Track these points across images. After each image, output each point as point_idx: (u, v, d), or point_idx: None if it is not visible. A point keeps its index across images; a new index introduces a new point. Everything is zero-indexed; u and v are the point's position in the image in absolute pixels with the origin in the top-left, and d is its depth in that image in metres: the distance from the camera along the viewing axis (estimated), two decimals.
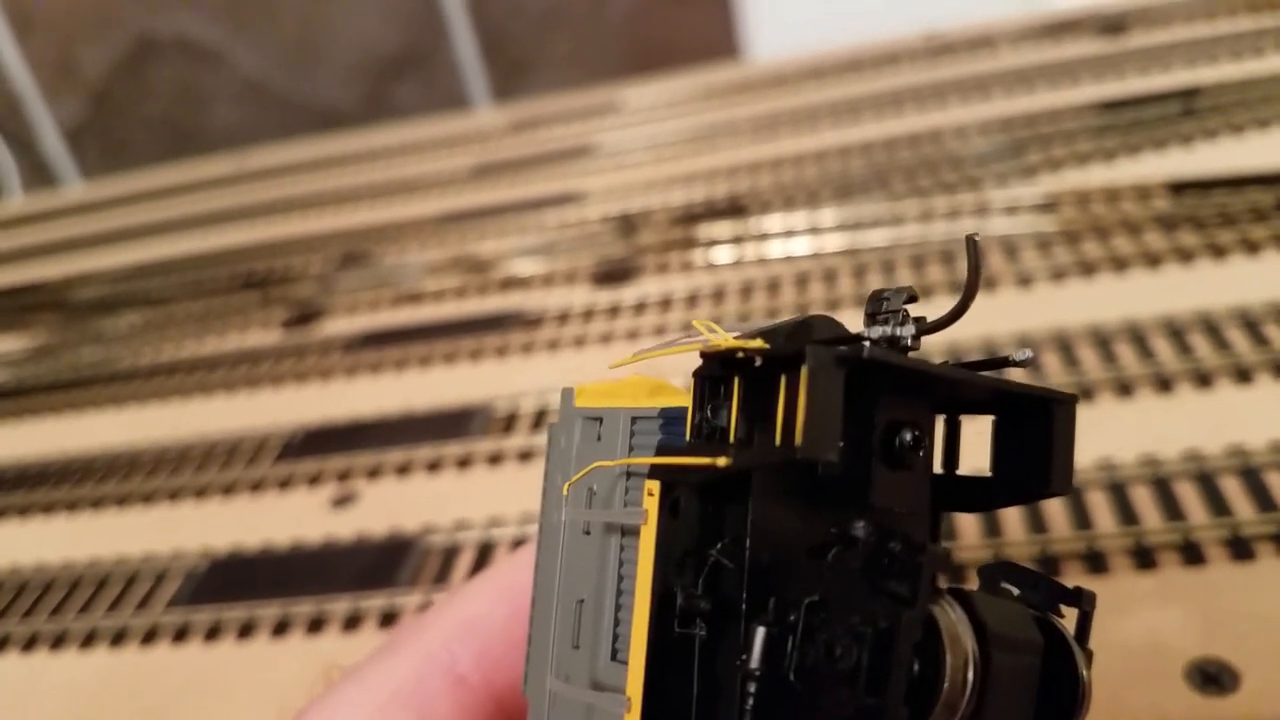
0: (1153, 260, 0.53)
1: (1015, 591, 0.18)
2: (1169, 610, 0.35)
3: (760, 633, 0.16)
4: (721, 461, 0.15)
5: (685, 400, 0.18)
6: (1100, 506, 0.39)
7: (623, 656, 0.18)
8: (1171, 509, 0.39)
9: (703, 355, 0.17)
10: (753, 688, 0.15)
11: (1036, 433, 0.18)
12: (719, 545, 0.16)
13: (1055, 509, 0.40)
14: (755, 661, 0.16)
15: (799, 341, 0.16)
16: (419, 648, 0.23)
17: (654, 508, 0.17)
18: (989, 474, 0.19)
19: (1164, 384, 0.45)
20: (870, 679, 0.15)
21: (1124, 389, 0.45)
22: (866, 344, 0.16)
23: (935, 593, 0.16)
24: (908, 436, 0.17)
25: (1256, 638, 0.33)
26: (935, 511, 0.19)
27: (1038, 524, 0.39)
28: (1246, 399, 0.43)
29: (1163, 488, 0.40)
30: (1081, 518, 0.39)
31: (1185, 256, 0.53)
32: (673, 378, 0.23)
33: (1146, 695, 0.32)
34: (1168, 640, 0.34)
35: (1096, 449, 0.42)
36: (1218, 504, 0.38)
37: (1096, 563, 0.37)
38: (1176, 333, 0.47)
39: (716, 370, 0.17)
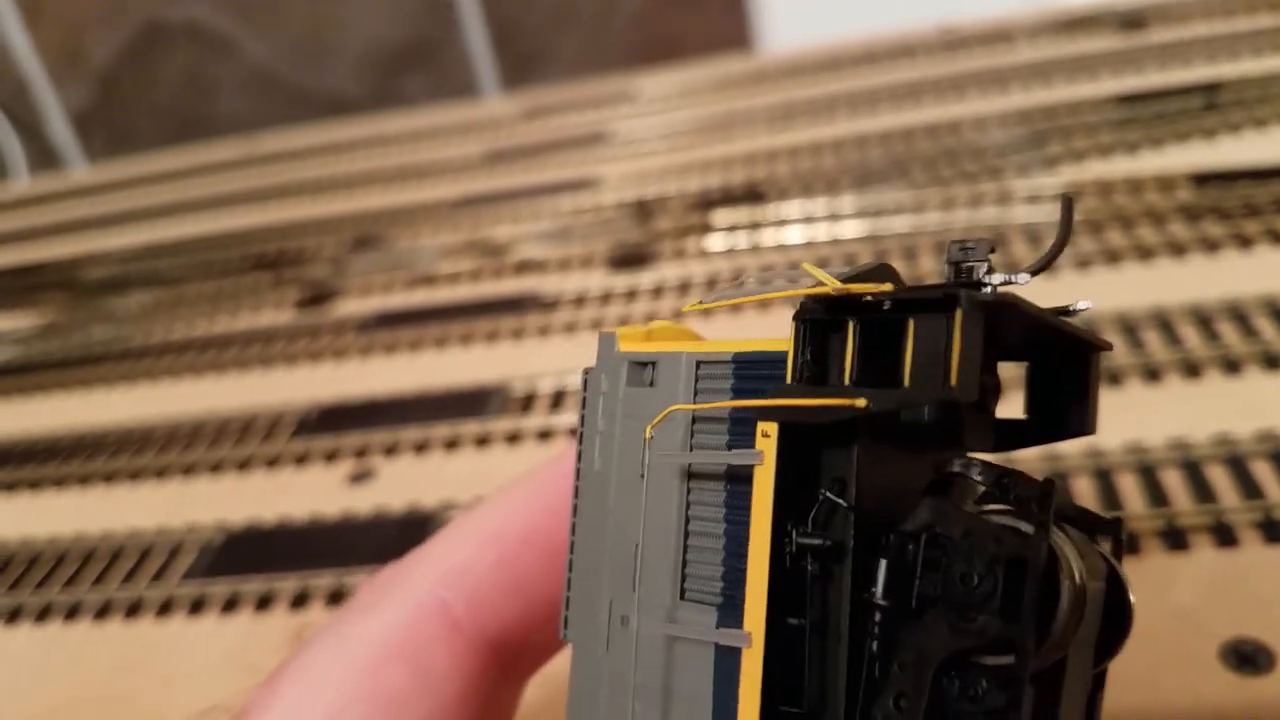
0: (1178, 249, 0.53)
1: None
2: (1202, 591, 0.35)
3: (884, 565, 0.16)
4: (861, 403, 0.16)
5: (735, 347, 0.19)
6: (1130, 489, 0.39)
7: (693, 596, 0.18)
8: (1203, 491, 0.38)
9: (816, 300, 0.17)
10: (878, 617, 0.16)
11: (1069, 378, 0.19)
12: (827, 484, 0.17)
13: (1085, 490, 0.39)
14: (881, 592, 0.16)
15: (888, 280, 0.17)
16: (407, 597, 0.22)
17: (771, 450, 0.17)
18: (1022, 417, 0.20)
19: (1192, 370, 0.44)
20: (1005, 604, 0.15)
21: (1152, 375, 0.45)
22: (991, 289, 0.17)
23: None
24: (989, 381, 0.18)
25: None
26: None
27: None
28: (1275, 384, 0.43)
29: (1193, 471, 0.39)
30: (1112, 500, 0.39)
31: (1211, 246, 0.53)
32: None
33: (1182, 676, 0.32)
34: (1202, 621, 0.33)
35: (1126, 432, 0.41)
36: (1249, 487, 0.38)
37: (1128, 543, 0.37)
38: (1204, 320, 0.47)
39: (822, 314, 0.17)
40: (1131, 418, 0.43)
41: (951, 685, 0.16)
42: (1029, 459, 0.41)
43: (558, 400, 0.53)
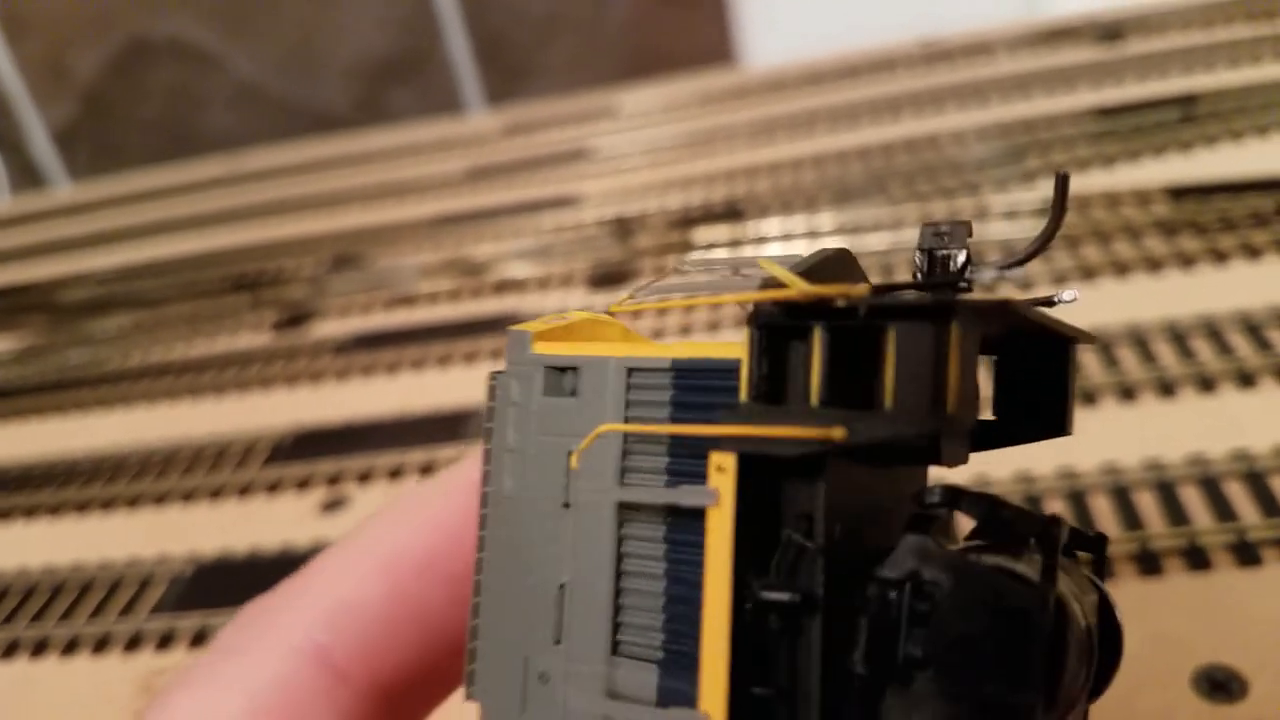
0: (1154, 265, 0.53)
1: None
2: (1175, 616, 0.34)
3: (864, 623, 0.14)
4: (838, 433, 0.13)
5: (675, 352, 0.16)
6: (1104, 511, 0.39)
7: (629, 650, 0.16)
8: (1176, 514, 0.38)
9: (774, 300, 0.14)
10: (858, 685, 0.14)
11: (1043, 374, 0.17)
12: (791, 522, 0.14)
13: (1057, 513, 0.39)
14: (861, 659, 0.14)
15: (833, 277, 0.14)
16: (279, 641, 0.18)
17: (728, 487, 0.14)
18: (990, 417, 0.18)
19: (1166, 388, 0.44)
20: (1008, 666, 0.13)
21: (1127, 393, 0.44)
22: (1005, 299, 0.15)
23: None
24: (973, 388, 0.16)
25: (1264, 644, 0.33)
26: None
27: None
28: (1249, 403, 0.43)
29: (1167, 492, 0.39)
30: (1085, 522, 0.38)
31: (1186, 261, 0.53)
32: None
33: (1154, 702, 0.32)
34: (1174, 647, 0.33)
35: (1100, 453, 0.41)
36: (1222, 509, 0.38)
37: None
38: (1179, 337, 0.47)
39: (782, 318, 0.14)
40: (1106, 438, 0.42)
41: None
42: (1001, 480, 0.41)
43: None
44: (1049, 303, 0.16)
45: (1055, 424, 0.17)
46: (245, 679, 0.17)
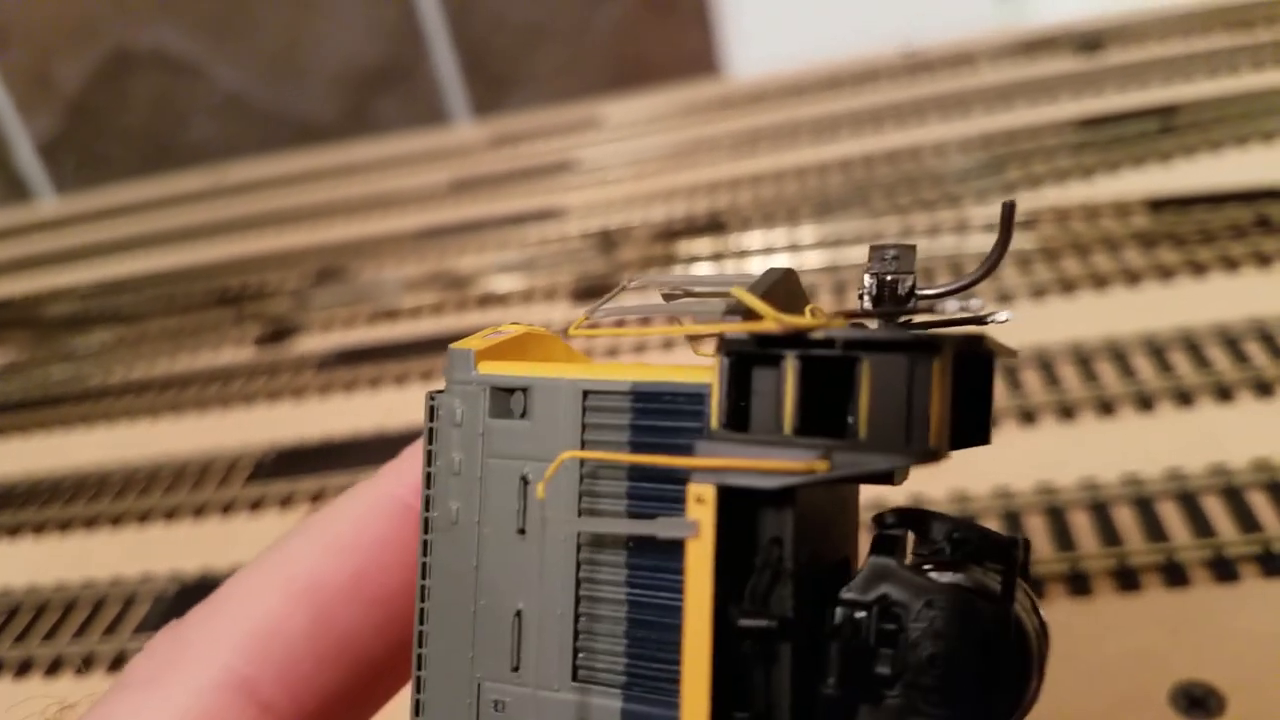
0: (1132, 277, 0.53)
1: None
2: (1153, 633, 0.35)
3: (835, 648, 0.14)
4: (823, 466, 0.14)
5: (632, 374, 0.16)
6: (1083, 527, 0.39)
7: (590, 677, 0.16)
8: (1154, 530, 0.38)
9: (758, 338, 0.15)
10: (831, 707, 0.14)
11: (965, 385, 0.17)
12: (761, 550, 0.15)
13: (1037, 530, 0.39)
14: (835, 682, 0.14)
15: (775, 297, 0.15)
16: (198, 674, 0.17)
17: (709, 519, 0.14)
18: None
19: (1145, 402, 0.45)
20: (982, 680, 0.14)
21: (1105, 408, 0.45)
22: (980, 332, 0.15)
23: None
24: None
25: (1242, 660, 0.33)
26: None
27: None
28: (1227, 417, 0.43)
29: (1145, 508, 0.39)
30: (1064, 539, 0.39)
31: (1165, 274, 0.53)
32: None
33: (1132, 719, 0.32)
34: (1152, 664, 0.33)
35: (1079, 468, 0.41)
36: (1201, 524, 0.38)
37: (1079, 584, 0.37)
38: (1157, 351, 0.47)
39: (751, 345, 0.15)
40: (1085, 453, 0.43)
41: None
42: (980, 495, 0.41)
43: None
44: (981, 321, 0.17)
45: (977, 434, 0.17)
46: (166, 709, 0.17)
